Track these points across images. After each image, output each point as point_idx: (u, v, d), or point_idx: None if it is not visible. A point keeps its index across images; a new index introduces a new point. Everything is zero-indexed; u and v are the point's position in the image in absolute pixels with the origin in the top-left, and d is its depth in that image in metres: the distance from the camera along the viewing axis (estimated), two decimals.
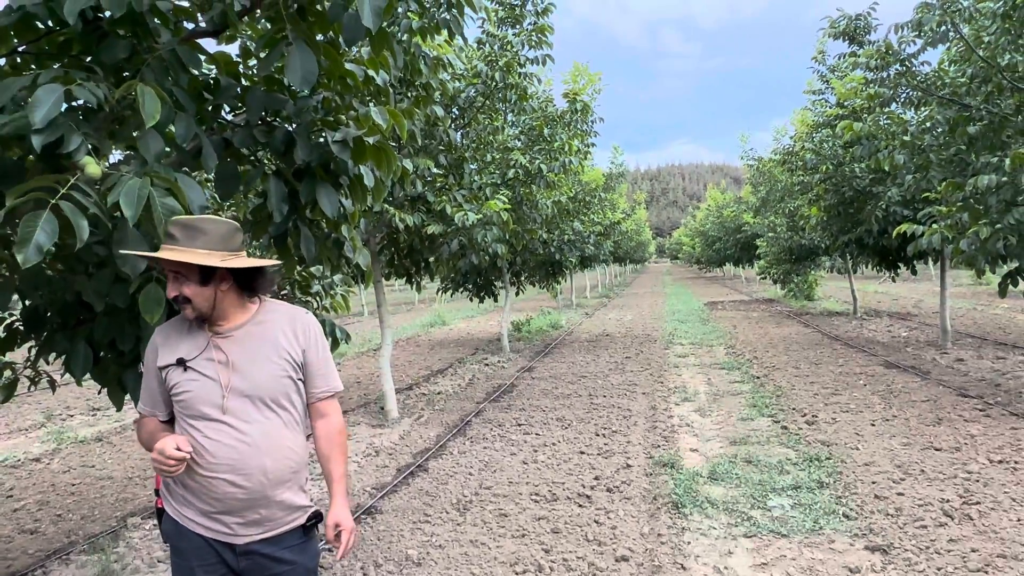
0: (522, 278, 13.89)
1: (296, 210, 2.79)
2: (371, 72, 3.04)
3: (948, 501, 4.36)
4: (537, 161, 7.13)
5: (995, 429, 5.95)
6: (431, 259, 7.61)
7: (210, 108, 2.73)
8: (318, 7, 2.51)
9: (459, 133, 7.09)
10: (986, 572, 3.43)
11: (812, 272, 20.15)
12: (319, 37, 2.64)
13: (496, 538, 4.17)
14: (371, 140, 2.71)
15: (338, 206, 2.71)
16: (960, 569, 3.48)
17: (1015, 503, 4.28)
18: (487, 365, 11.10)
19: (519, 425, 7.00)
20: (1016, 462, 5.06)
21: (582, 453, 5.86)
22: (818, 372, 9.19)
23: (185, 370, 1.91)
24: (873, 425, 6.32)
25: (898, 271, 11.87)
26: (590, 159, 12.75)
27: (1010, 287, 6.92)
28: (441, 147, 6.94)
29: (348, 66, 2.80)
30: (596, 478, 5.16)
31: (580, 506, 4.63)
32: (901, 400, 7.27)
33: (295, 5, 2.45)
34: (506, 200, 6.45)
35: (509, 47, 6.71)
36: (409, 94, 4.53)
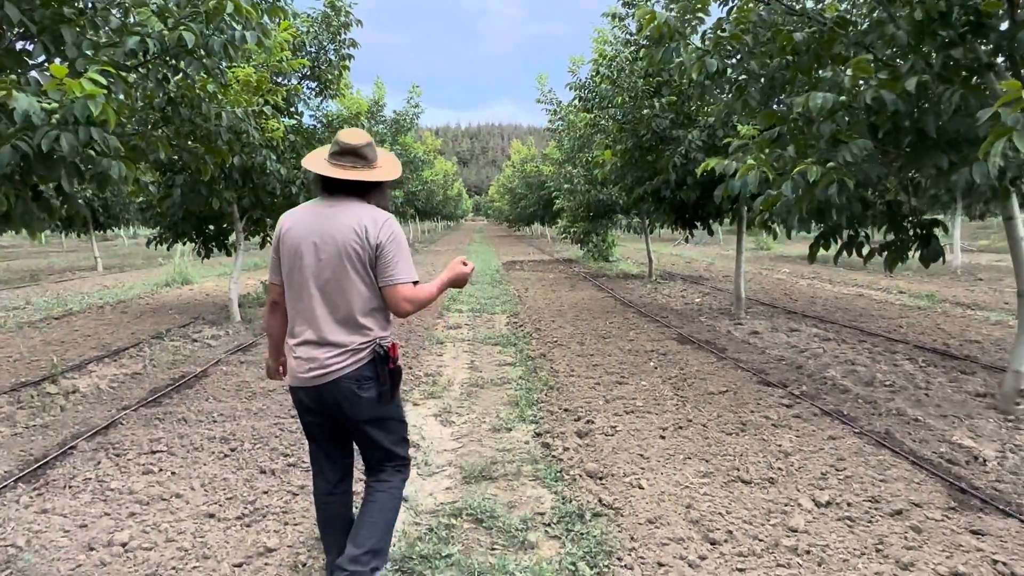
0: (266, 227, 10.93)
1: None
2: None
3: None
4: (180, 29, 4.36)
5: (810, 441, 4.46)
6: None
7: None
8: None
9: None
10: None
11: (611, 232, 19.20)
12: None
13: None
14: None
15: None
16: None
17: None
18: (194, 341, 8.22)
19: (153, 453, 4.41)
20: (849, 504, 3.49)
21: (211, 516, 3.46)
22: (605, 349, 7.56)
23: None
24: (663, 438, 4.59)
25: (694, 231, 10.71)
26: (348, 80, 10.06)
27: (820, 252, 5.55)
28: None
29: None
30: None
31: None
32: (696, 391, 5.72)
33: None
34: (107, 80, 3.70)
35: None
36: None
